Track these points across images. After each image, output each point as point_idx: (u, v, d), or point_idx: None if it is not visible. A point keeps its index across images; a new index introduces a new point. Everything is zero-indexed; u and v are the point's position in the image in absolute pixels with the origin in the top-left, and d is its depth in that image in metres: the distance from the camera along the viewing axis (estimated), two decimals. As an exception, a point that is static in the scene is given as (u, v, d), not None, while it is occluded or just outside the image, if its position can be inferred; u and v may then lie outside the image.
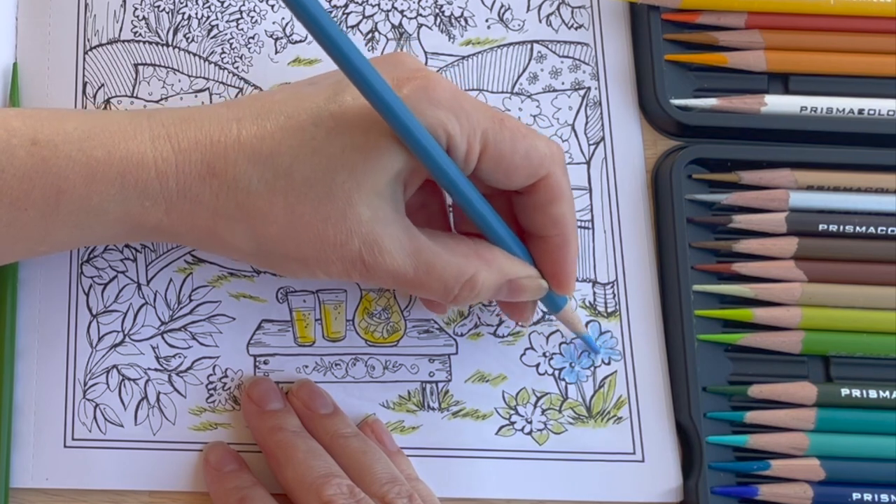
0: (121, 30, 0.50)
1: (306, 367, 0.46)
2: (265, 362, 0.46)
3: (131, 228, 0.40)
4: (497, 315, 0.47)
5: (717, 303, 0.48)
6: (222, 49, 0.50)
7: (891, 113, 0.50)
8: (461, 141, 0.38)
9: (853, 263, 0.48)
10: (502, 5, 0.52)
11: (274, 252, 0.39)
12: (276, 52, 0.50)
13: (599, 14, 0.52)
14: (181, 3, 0.50)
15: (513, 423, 0.46)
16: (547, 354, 0.47)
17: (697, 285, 0.47)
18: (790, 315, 0.47)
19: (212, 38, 0.50)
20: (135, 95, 0.49)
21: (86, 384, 0.45)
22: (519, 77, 0.51)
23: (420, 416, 0.46)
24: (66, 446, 0.44)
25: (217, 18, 0.50)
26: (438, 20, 0.51)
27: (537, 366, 0.47)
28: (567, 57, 0.51)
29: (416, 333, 0.47)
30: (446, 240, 0.41)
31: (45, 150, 0.38)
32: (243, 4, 0.51)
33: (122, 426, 0.45)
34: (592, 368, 0.47)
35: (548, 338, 0.47)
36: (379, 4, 0.51)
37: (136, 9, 0.50)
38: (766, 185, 0.49)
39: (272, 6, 0.51)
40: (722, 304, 0.48)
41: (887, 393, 0.46)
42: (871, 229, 0.48)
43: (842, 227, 0.48)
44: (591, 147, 0.50)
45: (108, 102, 0.49)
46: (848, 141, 0.50)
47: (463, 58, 0.51)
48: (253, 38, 0.50)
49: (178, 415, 0.45)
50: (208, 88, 0.49)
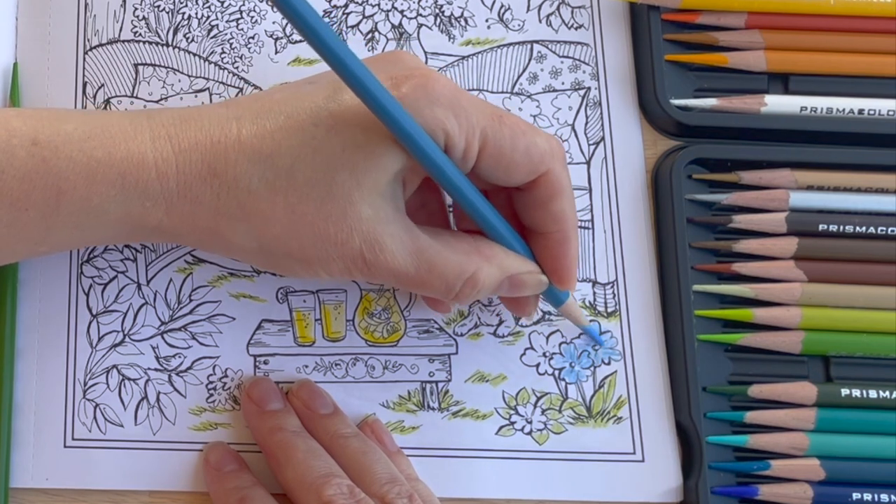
0: (121, 30, 0.50)
1: (306, 367, 0.46)
2: (265, 362, 0.46)
3: (132, 229, 0.40)
4: (497, 315, 0.47)
5: (717, 303, 0.48)
6: (222, 49, 0.50)
7: (891, 113, 0.50)
8: (459, 139, 0.38)
9: (853, 263, 0.48)
10: (502, 5, 0.52)
11: (275, 251, 0.39)
12: (276, 52, 0.50)
13: (599, 14, 0.52)
14: (181, 3, 0.50)
15: (513, 423, 0.46)
16: (547, 354, 0.47)
17: (697, 285, 0.47)
18: (790, 315, 0.47)
19: (212, 38, 0.50)
20: (135, 95, 0.49)
21: (86, 384, 0.45)
22: (519, 77, 0.51)
23: (420, 416, 0.46)
24: (66, 446, 0.44)
25: (217, 18, 0.50)
26: (438, 20, 0.51)
27: (537, 366, 0.47)
28: (567, 57, 0.51)
29: (416, 333, 0.47)
30: (447, 237, 0.41)
31: (45, 151, 0.38)
32: (243, 4, 0.51)
33: (122, 426, 0.45)
34: (592, 368, 0.47)
35: (548, 338, 0.47)
36: (379, 4, 0.51)
37: (136, 9, 0.50)
38: (766, 185, 0.49)
39: (272, 6, 0.51)
40: (722, 304, 0.48)
41: (887, 393, 0.46)
42: (871, 229, 0.48)
43: (842, 227, 0.48)
44: (591, 147, 0.50)
45: (108, 102, 0.49)
46: (848, 141, 0.50)
47: (463, 58, 0.51)
48: (253, 37, 0.50)
49: (178, 415, 0.45)
50: (208, 88, 0.49)
